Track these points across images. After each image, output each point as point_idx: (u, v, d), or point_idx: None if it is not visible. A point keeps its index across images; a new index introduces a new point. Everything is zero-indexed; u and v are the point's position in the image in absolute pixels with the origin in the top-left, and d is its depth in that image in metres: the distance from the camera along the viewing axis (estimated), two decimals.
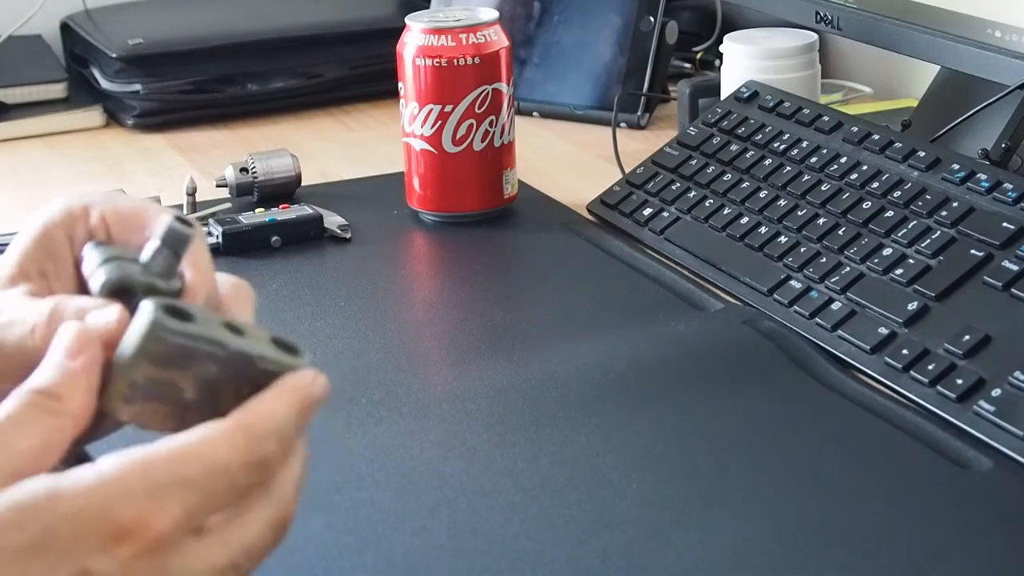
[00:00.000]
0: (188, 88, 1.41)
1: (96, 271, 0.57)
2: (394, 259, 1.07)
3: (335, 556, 0.67)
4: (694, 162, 1.08)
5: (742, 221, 0.99)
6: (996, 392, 0.76)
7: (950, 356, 0.80)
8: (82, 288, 0.59)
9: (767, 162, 1.03)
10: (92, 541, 0.49)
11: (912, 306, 0.84)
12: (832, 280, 0.90)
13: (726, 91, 1.16)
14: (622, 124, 1.33)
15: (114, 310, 0.55)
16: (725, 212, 1.01)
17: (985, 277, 0.84)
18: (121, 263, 0.57)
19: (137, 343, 0.53)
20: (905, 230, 0.90)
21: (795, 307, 0.90)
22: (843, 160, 0.99)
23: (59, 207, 0.60)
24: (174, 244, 0.57)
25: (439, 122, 1.07)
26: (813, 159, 1.01)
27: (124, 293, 0.56)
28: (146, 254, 0.57)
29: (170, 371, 0.53)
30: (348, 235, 1.07)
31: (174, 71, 1.41)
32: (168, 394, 0.54)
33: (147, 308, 0.53)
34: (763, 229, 0.98)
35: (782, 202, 0.99)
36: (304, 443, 0.55)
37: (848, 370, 0.84)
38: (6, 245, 1.08)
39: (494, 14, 1.08)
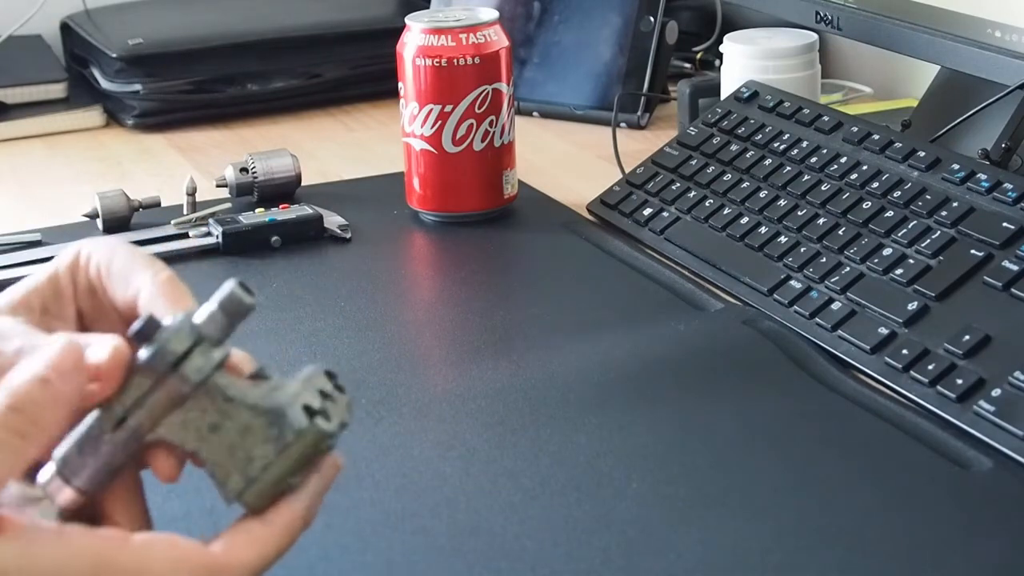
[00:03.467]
0: (188, 88, 1.41)
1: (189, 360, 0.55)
2: (394, 259, 1.07)
3: (335, 556, 0.67)
4: (694, 162, 1.08)
5: (742, 221, 0.99)
6: (996, 392, 0.76)
7: (950, 356, 0.80)
8: (80, 330, 0.60)
9: (767, 162, 1.03)
10: None
11: (912, 306, 0.84)
12: (832, 280, 0.90)
13: (726, 91, 1.16)
14: (622, 124, 1.33)
15: (108, 344, 0.55)
16: (725, 212, 1.01)
17: (985, 277, 0.84)
18: (201, 349, 0.55)
19: (301, 453, 0.55)
20: (905, 230, 0.90)
21: (795, 307, 0.90)
22: (843, 160, 0.99)
23: (70, 253, 0.61)
24: (232, 313, 0.55)
25: (439, 122, 1.07)
26: (813, 159, 1.01)
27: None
28: (201, 316, 0.55)
29: (314, 463, 0.56)
30: (348, 235, 1.07)
31: (174, 71, 1.41)
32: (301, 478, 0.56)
33: (307, 422, 0.54)
34: (763, 229, 0.98)
35: (782, 202, 0.99)
36: None
37: (848, 370, 0.84)
38: (7, 246, 1.09)
39: (494, 14, 1.08)
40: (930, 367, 0.80)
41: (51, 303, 0.60)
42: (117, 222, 1.10)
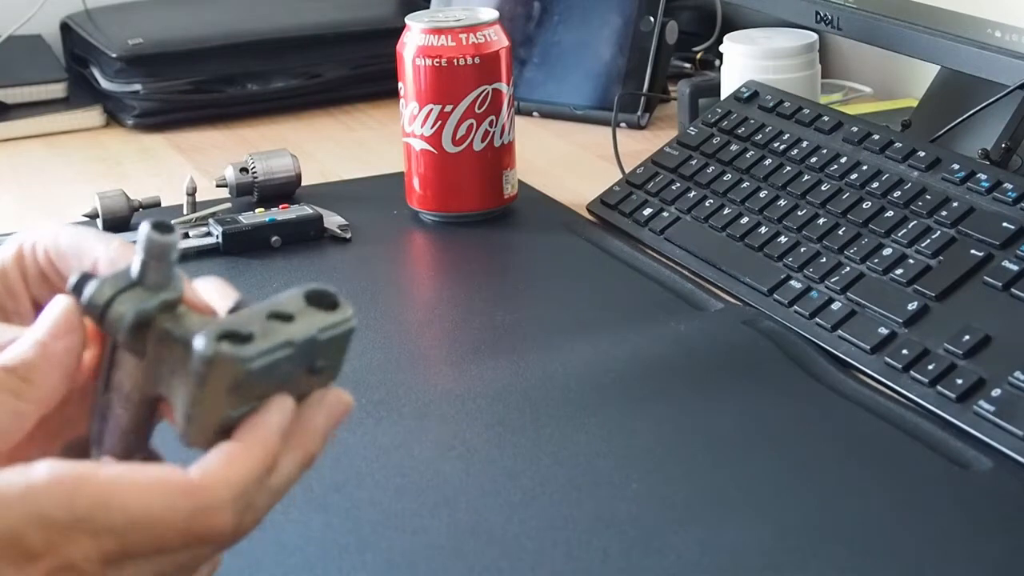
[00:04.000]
0: (188, 88, 1.42)
1: (111, 311, 0.53)
2: (394, 259, 1.07)
3: (335, 556, 0.67)
4: (694, 162, 1.08)
5: (742, 221, 0.99)
6: (996, 392, 0.76)
7: (950, 356, 0.80)
8: None
9: (767, 162, 1.03)
10: (4, 557, 0.48)
11: (912, 306, 0.84)
12: (832, 280, 0.90)
13: (726, 91, 1.16)
14: (622, 124, 1.33)
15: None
16: (725, 212, 1.01)
17: (985, 277, 0.84)
18: (126, 296, 0.53)
19: (222, 382, 0.51)
20: (905, 230, 0.90)
21: (795, 307, 0.90)
22: (843, 160, 0.99)
23: (13, 245, 0.59)
24: (159, 254, 0.53)
25: (439, 122, 1.07)
26: (813, 159, 1.01)
27: (145, 326, 0.53)
28: (135, 269, 0.53)
29: (254, 391, 0.52)
30: (348, 235, 1.07)
31: (174, 71, 1.41)
32: (250, 408, 0.52)
33: (210, 349, 0.50)
34: (763, 229, 0.98)
35: (782, 202, 0.99)
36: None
37: (848, 370, 0.84)
38: None
39: (494, 14, 1.08)
40: (930, 367, 0.80)
41: (4, 298, 0.59)
42: (117, 222, 1.10)
